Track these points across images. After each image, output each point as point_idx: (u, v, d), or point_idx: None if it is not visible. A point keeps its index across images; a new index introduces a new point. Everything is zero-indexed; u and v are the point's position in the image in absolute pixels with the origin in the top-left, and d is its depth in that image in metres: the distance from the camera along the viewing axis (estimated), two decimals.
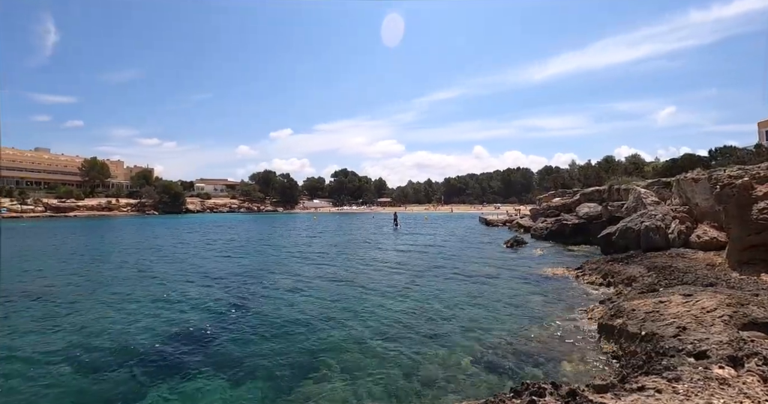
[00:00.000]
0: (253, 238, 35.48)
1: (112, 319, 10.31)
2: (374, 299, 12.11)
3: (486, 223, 45.32)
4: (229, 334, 9.13)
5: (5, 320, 10.24)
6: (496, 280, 14.26)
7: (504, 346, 7.82)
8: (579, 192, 30.37)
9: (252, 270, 17.91)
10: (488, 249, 23.28)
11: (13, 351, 8.10)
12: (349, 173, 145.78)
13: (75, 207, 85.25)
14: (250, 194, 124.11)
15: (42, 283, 14.90)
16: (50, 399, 6.24)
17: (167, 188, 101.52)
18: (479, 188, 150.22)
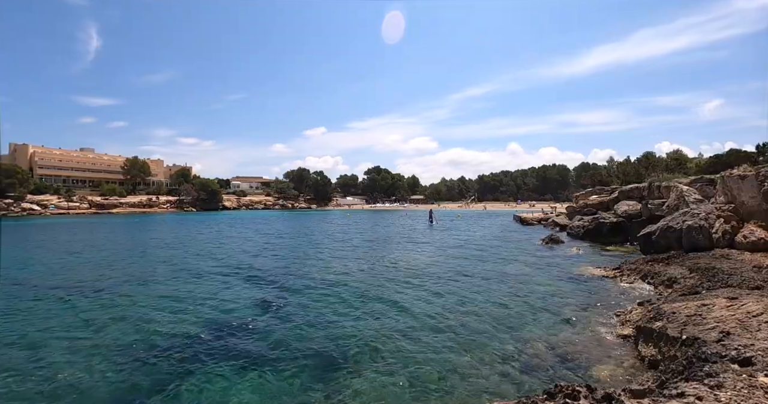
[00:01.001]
0: (289, 234, 36.01)
1: (156, 311, 10.64)
2: (407, 295, 12.14)
3: (520, 221, 44.45)
4: (267, 327, 9.33)
5: (53, 311, 10.71)
6: (531, 279, 14.02)
7: (537, 347, 7.68)
8: (617, 190, 29.47)
9: (289, 265, 18.27)
10: (523, 247, 22.87)
11: (61, 341, 8.44)
12: (382, 170, 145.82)
13: (118, 204, 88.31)
14: (285, 192, 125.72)
15: (91, 276, 15.50)
16: (98, 385, 6.48)
17: (205, 185, 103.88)
18: (514, 186, 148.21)
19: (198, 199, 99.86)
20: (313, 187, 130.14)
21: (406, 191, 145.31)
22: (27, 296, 12.57)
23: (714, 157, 43.67)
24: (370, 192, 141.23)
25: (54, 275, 15.93)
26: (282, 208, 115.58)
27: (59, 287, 13.73)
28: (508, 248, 22.68)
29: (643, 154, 64.15)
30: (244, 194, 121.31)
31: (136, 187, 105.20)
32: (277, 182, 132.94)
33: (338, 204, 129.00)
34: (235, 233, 36.53)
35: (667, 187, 21.52)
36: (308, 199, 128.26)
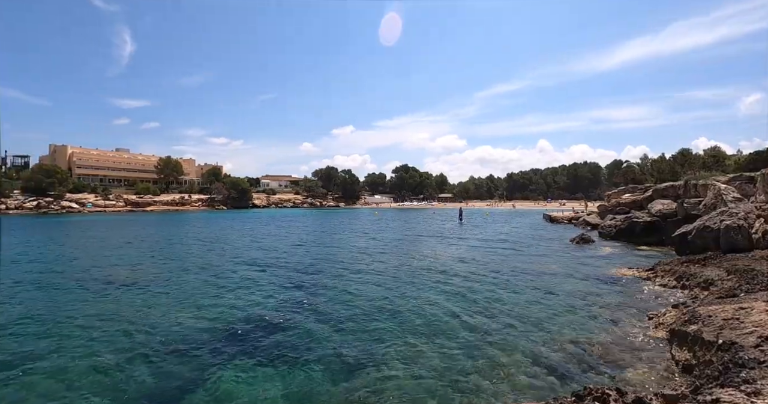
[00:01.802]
0: (319, 231, 36.36)
1: (191, 305, 10.91)
2: (436, 292, 12.17)
3: (550, 220, 43.88)
4: (298, 322, 9.49)
5: (93, 305, 11.07)
6: (561, 279, 13.82)
7: (567, 348, 7.58)
8: (651, 188, 28.77)
9: (320, 261, 18.55)
10: (553, 247, 22.58)
11: (97, 333, 8.70)
12: (410, 168, 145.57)
13: (152, 202, 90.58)
14: (313, 190, 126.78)
15: (131, 270, 15.98)
16: (134, 375, 6.66)
17: (235, 184, 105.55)
18: (543, 184, 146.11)
19: (229, 197, 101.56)
20: (341, 185, 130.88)
21: (434, 189, 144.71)
22: (71, 287, 13.09)
23: (754, 154, 42.09)
24: (397, 190, 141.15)
25: (97, 268, 16.47)
26: (310, 206, 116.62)
27: (99, 280, 14.21)
28: (538, 247, 22.44)
29: (679, 151, 62.22)
30: (273, 193, 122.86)
31: (169, 186, 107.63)
32: (306, 181, 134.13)
33: (366, 202, 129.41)
34: (268, 230, 37.17)
35: (704, 185, 20.90)
36: (336, 197, 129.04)
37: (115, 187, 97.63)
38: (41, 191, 77.26)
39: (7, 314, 10.42)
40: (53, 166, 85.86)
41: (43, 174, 79.52)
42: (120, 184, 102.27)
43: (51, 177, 79.30)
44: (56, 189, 78.95)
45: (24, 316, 10.18)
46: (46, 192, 77.63)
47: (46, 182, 78.07)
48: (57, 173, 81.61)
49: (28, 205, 72.87)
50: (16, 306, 11.16)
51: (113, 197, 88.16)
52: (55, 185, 79.20)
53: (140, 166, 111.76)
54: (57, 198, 77.65)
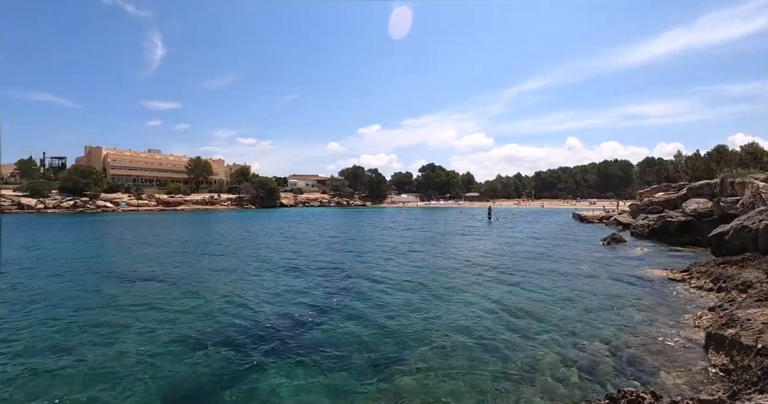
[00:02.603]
0: (348, 230, 36.61)
1: (225, 302, 11.09)
2: (465, 292, 12.10)
3: (580, 219, 43.06)
4: (330, 319, 9.63)
5: (132, 299, 11.38)
6: (592, 280, 13.57)
7: (599, 350, 7.45)
8: (686, 186, 27.96)
9: (350, 259, 18.75)
10: (583, 247, 22.16)
11: (136, 327, 8.95)
12: (437, 167, 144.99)
13: (182, 202, 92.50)
14: (340, 189, 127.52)
15: (166, 267, 16.37)
16: (169, 371, 6.83)
17: (263, 183, 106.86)
18: (573, 183, 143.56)
19: (257, 197, 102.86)
20: (367, 184, 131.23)
21: (461, 188, 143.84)
22: (111, 282, 13.48)
23: None
24: (424, 189, 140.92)
25: (136, 264, 16.93)
26: (337, 205, 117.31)
27: (138, 276, 14.62)
28: (568, 247, 22.09)
29: (715, 147, 59.89)
30: (300, 192, 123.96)
31: (199, 185, 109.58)
32: (333, 180, 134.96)
33: (393, 201, 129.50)
34: (297, 229, 37.53)
35: (741, 183, 20.21)
36: (363, 196, 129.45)
37: (147, 187, 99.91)
38: (77, 191, 79.79)
39: (50, 306, 10.81)
40: (89, 167, 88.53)
41: (79, 175, 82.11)
42: (152, 184, 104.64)
43: (87, 178, 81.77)
44: (92, 189, 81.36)
45: (66, 308, 10.55)
46: (82, 192, 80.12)
47: (82, 182, 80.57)
48: (92, 173, 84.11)
49: (65, 204, 75.35)
50: (61, 299, 11.57)
51: (146, 196, 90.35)
52: (91, 185, 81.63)
53: (171, 166, 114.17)
54: (92, 198, 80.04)
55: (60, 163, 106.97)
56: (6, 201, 70.43)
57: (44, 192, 76.83)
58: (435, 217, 58.67)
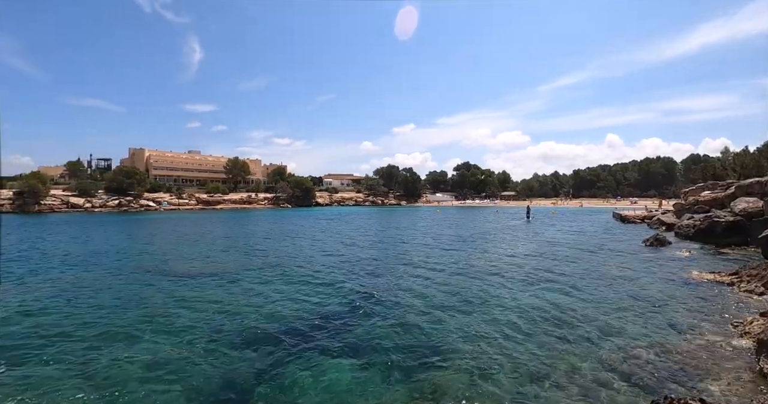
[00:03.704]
0: (384, 228, 36.72)
1: (258, 299, 11.28)
2: (504, 293, 11.92)
3: (621, 219, 41.58)
4: (367, 317, 9.66)
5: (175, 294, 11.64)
6: (634, 282, 13.10)
7: (642, 355, 7.20)
8: (734, 184, 26.76)
9: (388, 257, 18.89)
10: (624, 248, 21.33)
11: (179, 321, 9.19)
12: (472, 166, 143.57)
13: (221, 201, 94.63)
14: (375, 188, 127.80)
15: (208, 264, 16.73)
16: (202, 365, 6.99)
17: (299, 183, 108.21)
18: (612, 181, 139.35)
19: (293, 196, 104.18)
20: (402, 184, 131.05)
21: (497, 187, 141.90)
22: (155, 277, 13.86)
23: None
24: (459, 189, 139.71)
25: (180, 261, 17.37)
26: (372, 204, 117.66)
27: (181, 271, 15.02)
28: (609, 248, 21.37)
29: (765, 143, 57.09)
30: (335, 191, 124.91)
31: (237, 185, 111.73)
32: (367, 179, 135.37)
33: (428, 201, 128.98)
34: (334, 227, 37.81)
35: None
36: (398, 195, 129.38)
37: (187, 186, 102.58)
38: (122, 191, 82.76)
39: (100, 300, 11.18)
40: (132, 168, 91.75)
41: (123, 175, 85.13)
42: (192, 184, 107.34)
43: (131, 178, 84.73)
44: (135, 189, 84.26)
45: (112, 302, 10.90)
46: (127, 192, 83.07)
47: (126, 182, 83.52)
48: (136, 174, 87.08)
49: (110, 204, 78.26)
50: (111, 293, 11.97)
51: (186, 196, 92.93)
52: (135, 185, 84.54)
53: (210, 167, 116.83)
54: (136, 197, 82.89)
55: (106, 164, 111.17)
56: (56, 200, 73.60)
57: (91, 192, 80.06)
58: (471, 216, 58.07)
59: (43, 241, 26.71)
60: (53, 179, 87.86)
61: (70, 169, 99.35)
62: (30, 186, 70.39)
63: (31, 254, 20.46)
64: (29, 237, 29.15)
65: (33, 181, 72.22)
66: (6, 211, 65.68)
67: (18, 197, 69.44)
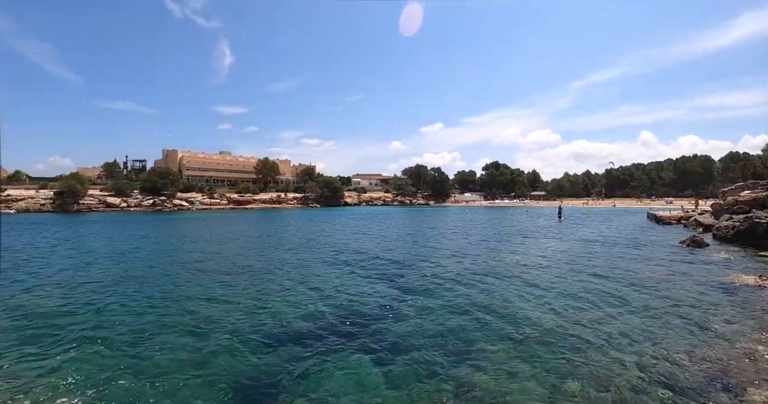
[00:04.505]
0: (413, 228, 36.50)
1: (293, 297, 11.39)
2: (537, 293, 11.72)
3: (656, 219, 40.30)
4: (395, 317, 9.64)
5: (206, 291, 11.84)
6: (670, 285, 12.62)
7: (678, 361, 6.95)
8: None
9: (417, 258, 18.66)
10: (659, 249, 20.61)
11: (210, 316, 9.37)
12: (501, 165, 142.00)
13: (252, 201, 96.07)
14: (403, 188, 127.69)
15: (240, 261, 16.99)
16: (240, 357, 7.13)
17: (328, 183, 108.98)
18: (647, 180, 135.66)
19: (322, 196, 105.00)
20: (430, 183, 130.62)
21: (526, 186, 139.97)
22: (191, 274, 14.17)
23: None
24: (488, 188, 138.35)
25: (212, 259, 17.68)
26: (400, 204, 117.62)
27: (213, 269, 15.32)
28: (644, 249, 20.76)
29: None
30: (364, 191, 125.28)
31: (267, 185, 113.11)
32: (396, 179, 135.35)
33: (456, 200, 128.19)
34: (363, 227, 37.92)
35: None
36: (426, 195, 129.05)
37: (219, 186, 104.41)
38: (156, 191, 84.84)
39: (140, 296, 11.48)
40: (166, 168, 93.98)
41: (157, 176, 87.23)
42: (223, 184, 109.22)
43: (164, 178, 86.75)
44: (169, 189, 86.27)
45: (153, 299, 11.20)
46: (160, 192, 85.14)
47: (160, 182, 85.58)
48: (169, 174, 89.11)
49: (145, 203, 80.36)
50: (151, 290, 12.28)
51: (218, 195, 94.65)
52: (168, 185, 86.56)
53: (241, 167, 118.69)
54: (169, 197, 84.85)
55: (140, 165, 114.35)
56: (94, 200, 75.88)
57: (127, 192, 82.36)
58: (501, 216, 57.43)
59: (85, 239, 27.65)
60: (91, 180, 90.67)
61: (106, 170, 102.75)
62: (69, 186, 72.95)
63: (76, 251, 21.24)
64: (73, 235, 30.27)
65: (72, 181, 74.88)
66: (47, 210, 68.11)
67: (58, 197, 71.94)
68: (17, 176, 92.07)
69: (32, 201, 69.79)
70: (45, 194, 73.16)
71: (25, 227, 37.17)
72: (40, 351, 7.74)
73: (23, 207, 67.11)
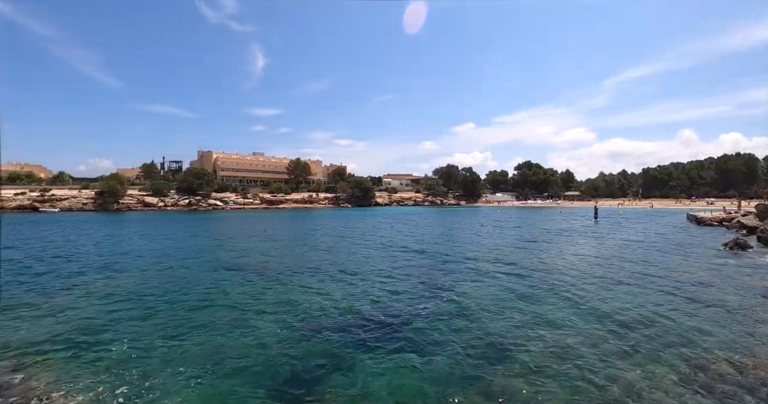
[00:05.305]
0: (445, 228, 36.36)
1: (332, 294, 11.56)
2: (576, 295, 11.39)
3: (696, 221, 38.68)
4: (431, 315, 9.56)
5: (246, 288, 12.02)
6: (711, 289, 11.99)
7: (721, 368, 6.59)
8: None
9: (451, 257, 18.53)
10: (700, 252, 19.53)
11: (251, 313, 9.62)
12: (533, 165, 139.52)
13: (284, 200, 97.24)
14: (434, 188, 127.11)
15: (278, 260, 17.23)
16: (279, 352, 7.25)
17: (359, 183, 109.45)
18: (686, 180, 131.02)
19: (353, 196, 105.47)
20: (461, 184, 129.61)
21: (560, 187, 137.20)
22: (231, 272, 14.45)
23: None
24: (520, 188, 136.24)
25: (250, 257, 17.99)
26: (431, 204, 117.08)
27: (252, 267, 15.61)
28: (684, 252, 19.83)
29: None
30: (394, 191, 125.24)
31: (299, 185, 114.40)
32: (426, 179, 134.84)
33: (487, 201, 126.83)
34: (395, 227, 38.06)
35: None
36: (457, 195, 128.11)
37: (252, 186, 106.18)
38: (192, 191, 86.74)
39: (185, 291, 11.75)
40: (201, 169, 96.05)
41: (193, 176, 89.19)
42: (256, 184, 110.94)
43: (200, 179, 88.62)
44: (204, 189, 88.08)
45: (196, 294, 11.46)
46: (196, 191, 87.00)
47: (195, 182, 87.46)
48: (205, 174, 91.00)
49: (181, 203, 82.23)
50: (194, 285, 12.55)
51: (251, 195, 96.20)
52: (203, 185, 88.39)
53: (273, 167, 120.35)
54: (205, 197, 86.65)
55: (177, 166, 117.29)
56: (133, 200, 78.17)
57: (164, 192, 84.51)
58: (534, 217, 56.42)
59: (129, 237, 28.56)
60: (130, 180, 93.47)
61: (144, 170, 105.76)
62: (110, 187, 75.34)
63: (122, 249, 21.98)
64: (116, 233, 31.31)
65: (112, 182, 77.38)
66: (88, 209, 70.52)
67: (99, 197, 74.34)
68: (61, 177, 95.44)
69: (75, 200, 72.30)
70: (87, 193, 75.74)
71: (74, 225, 38.71)
72: (108, 337, 8.17)
73: (66, 206, 69.60)
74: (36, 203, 67.48)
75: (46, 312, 9.80)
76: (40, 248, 21.41)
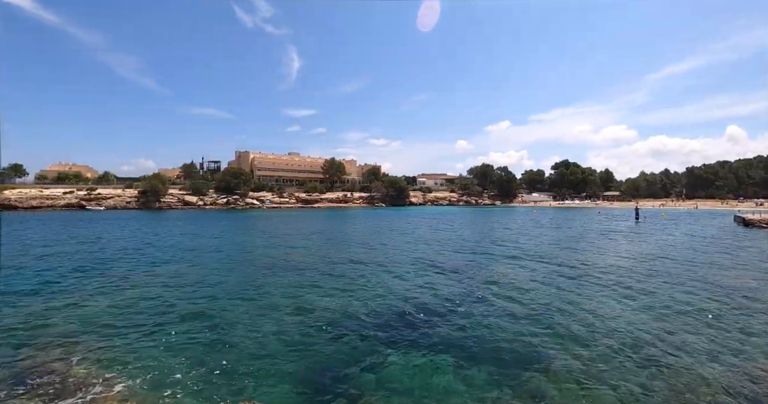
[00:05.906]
0: (481, 228, 36.13)
1: (368, 292, 11.66)
2: (615, 300, 11.04)
3: (744, 223, 37.02)
4: (463, 316, 9.54)
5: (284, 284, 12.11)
6: (760, 295, 11.41)
7: (760, 376, 6.31)
8: None
9: (485, 257, 18.48)
10: (748, 256, 18.63)
11: (287, 309, 9.80)
12: (571, 164, 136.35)
13: (319, 200, 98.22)
14: (468, 188, 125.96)
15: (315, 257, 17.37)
16: (312, 347, 7.37)
17: (393, 183, 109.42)
18: (733, 179, 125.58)
19: (387, 195, 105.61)
20: (497, 183, 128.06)
21: (598, 186, 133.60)
22: (267, 268, 14.64)
23: None
24: (557, 188, 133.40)
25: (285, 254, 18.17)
26: (465, 204, 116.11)
27: (286, 264, 15.79)
28: (731, 255, 18.96)
29: None
30: (429, 191, 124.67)
31: (333, 185, 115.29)
32: (461, 179, 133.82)
33: (523, 201, 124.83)
34: (431, 227, 38.02)
35: None
36: (492, 195, 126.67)
37: (288, 186, 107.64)
38: (230, 190, 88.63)
39: (227, 286, 11.98)
40: (239, 168, 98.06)
41: (231, 176, 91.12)
42: (292, 183, 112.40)
43: (237, 178, 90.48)
44: (242, 188, 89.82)
45: (238, 288, 11.63)
46: (234, 191, 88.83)
47: (233, 182, 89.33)
48: (242, 174, 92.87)
49: (220, 202, 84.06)
50: (237, 280, 12.82)
51: (287, 195, 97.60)
52: (241, 184, 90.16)
53: (309, 167, 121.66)
54: (242, 196, 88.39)
55: (215, 166, 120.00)
56: (173, 198, 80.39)
57: (203, 191, 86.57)
58: (572, 217, 55.14)
59: (174, 235, 29.46)
60: (171, 180, 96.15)
61: (184, 170, 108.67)
62: (152, 186, 77.79)
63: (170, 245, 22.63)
64: (163, 231, 32.27)
65: (154, 181, 79.93)
66: (132, 207, 72.93)
67: (142, 196, 76.83)
68: (106, 177, 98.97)
69: (119, 199, 74.88)
70: (130, 193, 78.37)
71: (123, 223, 40.07)
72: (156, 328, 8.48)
73: (111, 204, 72.11)
74: (83, 201, 70.14)
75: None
76: (145, 241, 22.80)
